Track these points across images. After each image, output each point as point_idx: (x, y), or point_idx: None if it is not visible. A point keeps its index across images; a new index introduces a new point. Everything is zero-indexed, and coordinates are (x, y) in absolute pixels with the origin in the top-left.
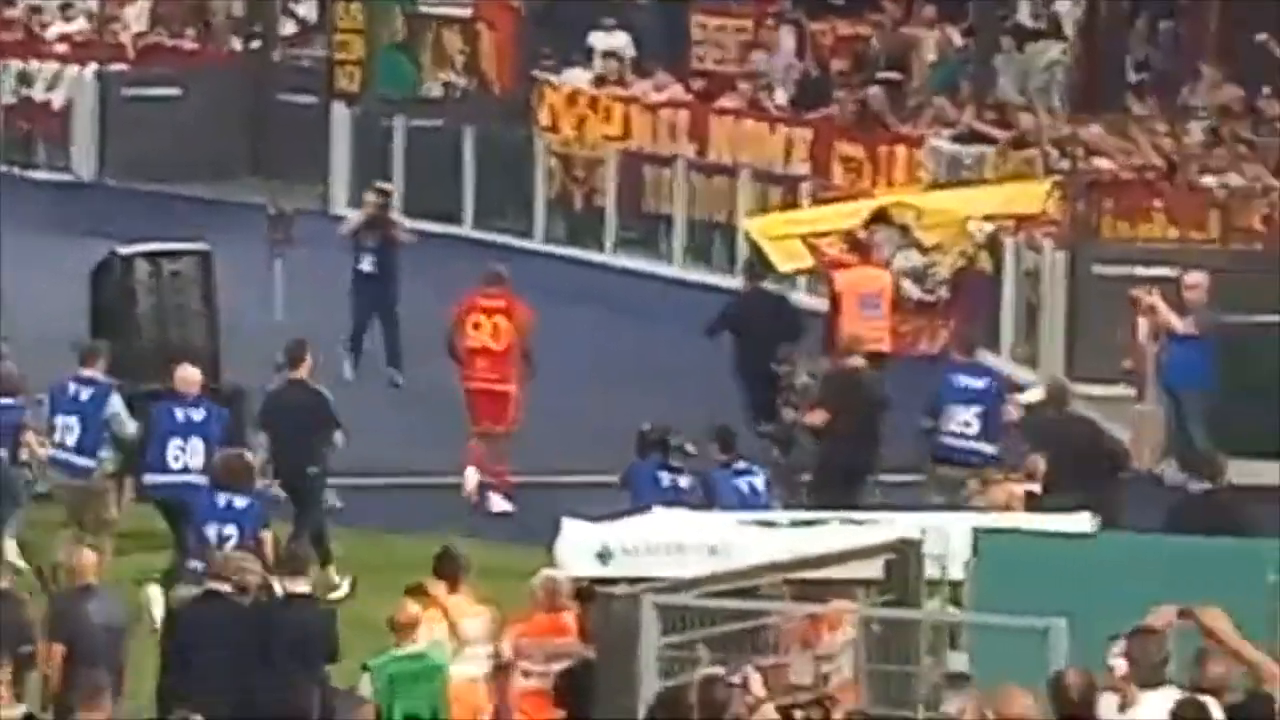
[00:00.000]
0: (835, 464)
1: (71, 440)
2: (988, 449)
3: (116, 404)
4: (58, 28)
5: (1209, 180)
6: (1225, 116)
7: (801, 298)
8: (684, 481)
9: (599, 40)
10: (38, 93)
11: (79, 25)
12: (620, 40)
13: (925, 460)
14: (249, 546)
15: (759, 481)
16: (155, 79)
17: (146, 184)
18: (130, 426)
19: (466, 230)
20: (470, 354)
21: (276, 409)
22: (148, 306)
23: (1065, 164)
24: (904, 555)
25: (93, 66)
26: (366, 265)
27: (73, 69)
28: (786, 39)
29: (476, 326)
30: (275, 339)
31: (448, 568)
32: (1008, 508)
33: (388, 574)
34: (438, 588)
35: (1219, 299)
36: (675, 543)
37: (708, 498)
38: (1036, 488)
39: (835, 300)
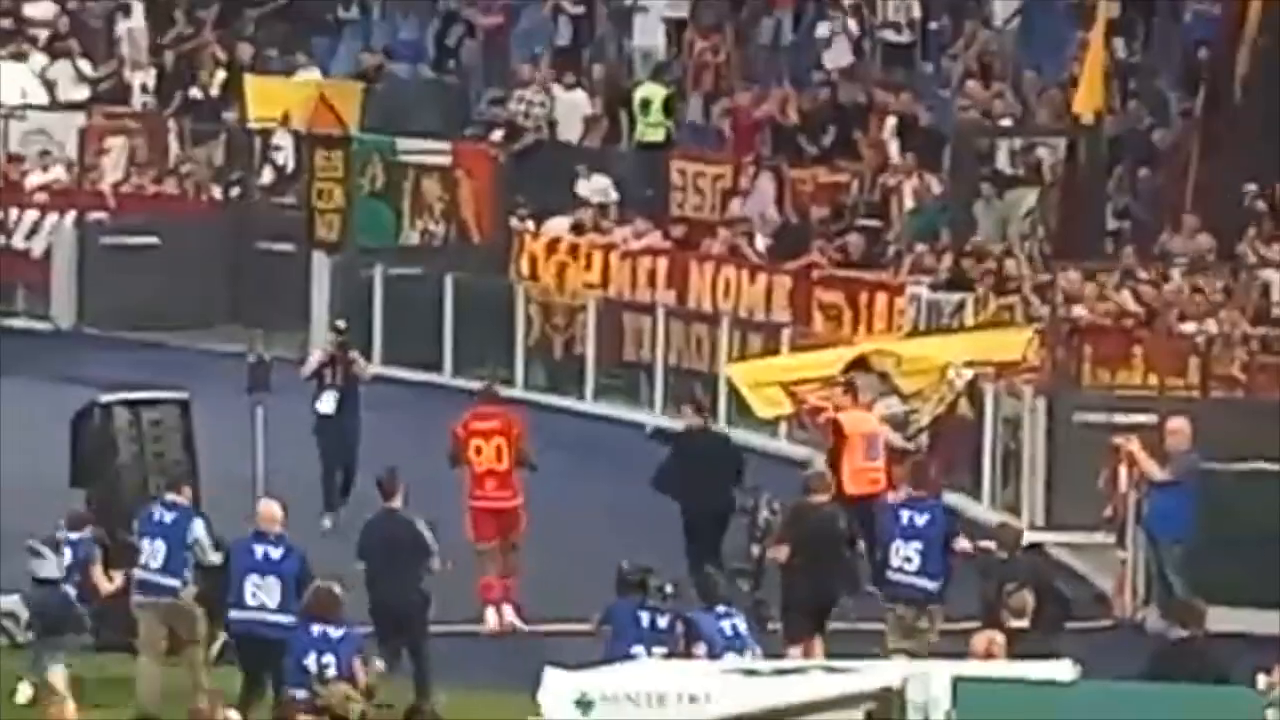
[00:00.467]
0: (799, 596)
1: (156, 563)
2: (929, 585)
3: (199, 530)
4: (36, 176)
5: (1188, 327)
6: (1203, 264)
7: (781, 444)
8: (663, 621)
9: (584, 186)
10: (17, 241)
11: (57, 174)
12: (603, 184)
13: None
14: (346, 677)
15: (740, 624)
16: (134, 228)
17: (126, 332)
18: (213, 554)
19: (446, 378)
20: (478, 477)
21: (373, 539)
22: (128, 455)
23: (1045, 311)
24: (885, 703)
25: (71, 215)
26: (327, 405)
27: (52, 217)
28: (766, 186)
29: (479, 451)
30: (254, 487)
31: None
32: (989, 655)
33: None
34: None
35: (1199, 446)
36: (656, 691)
37: (689, 640)
38: (1025, 624)
39: (840, 442)
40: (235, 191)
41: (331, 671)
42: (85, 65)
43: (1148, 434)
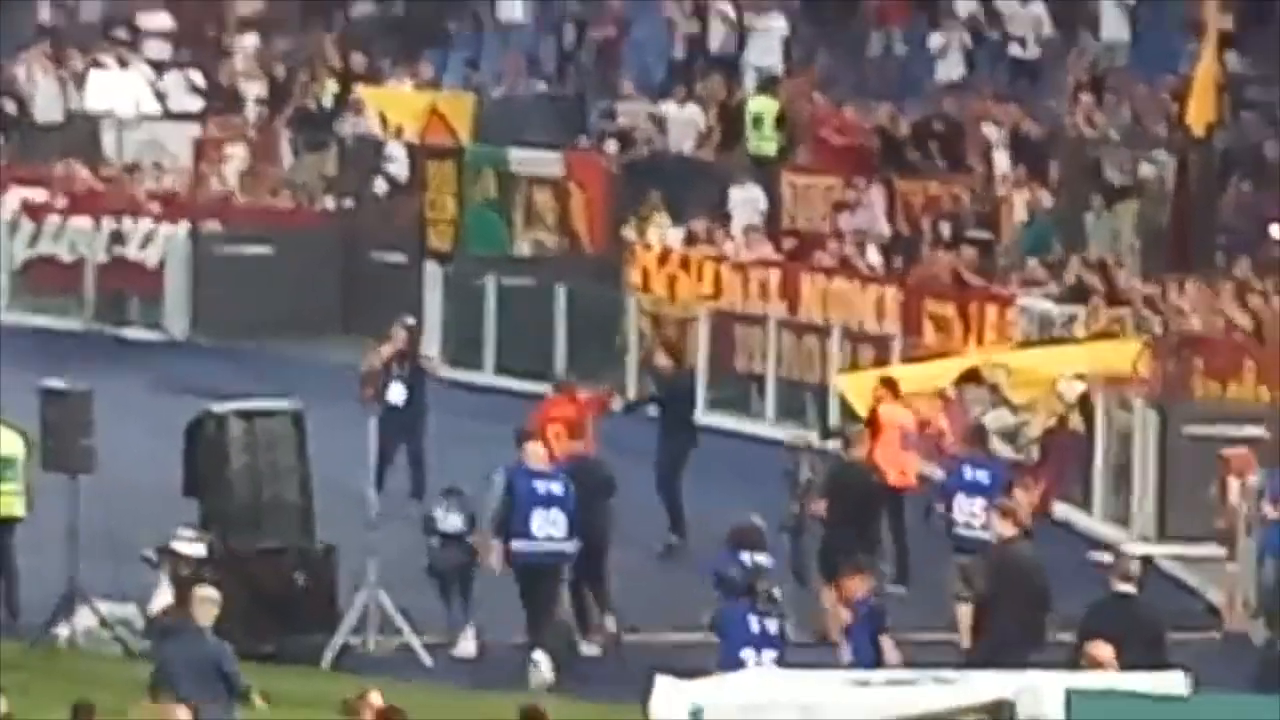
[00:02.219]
0: (835, 548)
1: None
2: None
3: None
4: (151, 185)
5: None
6: None
7: None
8: (772, 625)
9: (737, 194)
10: (131, 251)
11: (171, 184)
12: (755, 193)
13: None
14: None
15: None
16: (247, 238)
17: (239, 342)
18: None
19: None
20: None
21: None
22: (241, 464)
23: (1156, 323)
24: (997, 715)
25: (185, 225)
26: (395, 396)
27: (165, 227)
28: (876, 198)
29: (556, 437)
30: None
31: None
32: (1101, 665)
33: None
34: None
35: None
36: (767, 701)
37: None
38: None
39: (876, 433)
40: (348, 202)
41: None
42: (198, 76)
43: (1258, 447)
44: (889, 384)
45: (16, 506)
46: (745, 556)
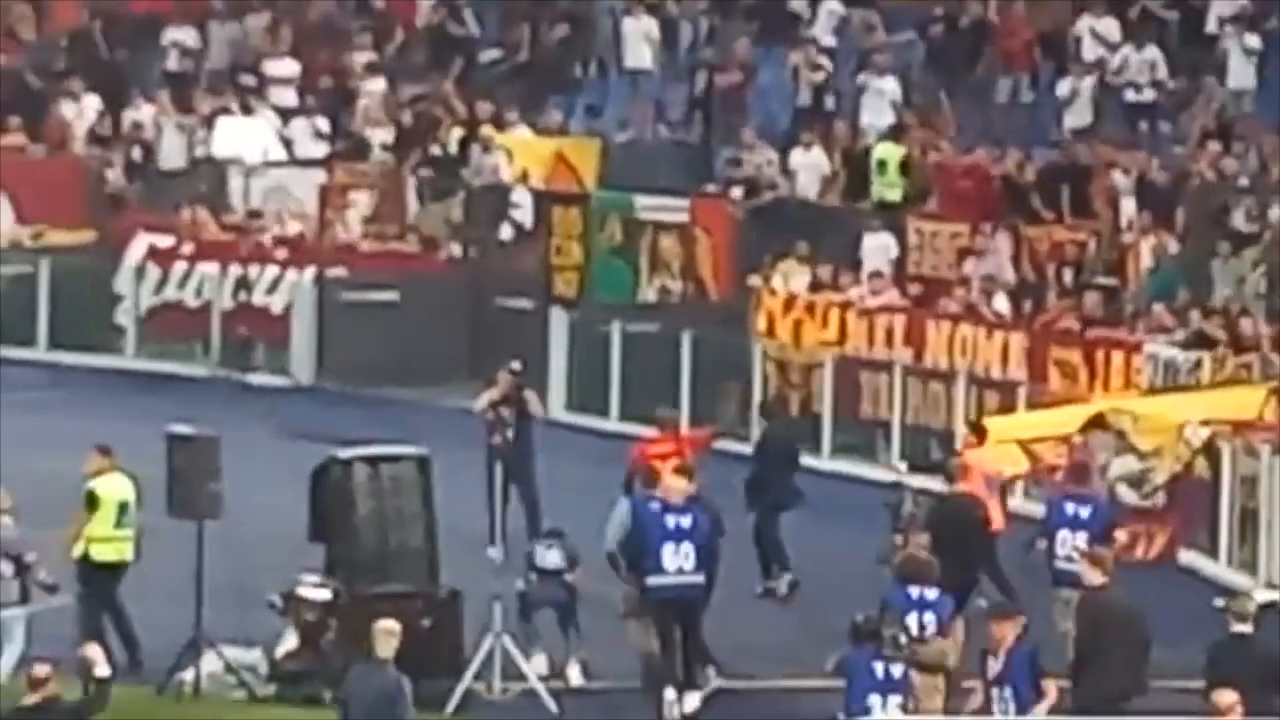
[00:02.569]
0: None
1: None
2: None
3: None
4: (277, 231)
5: None
6: None
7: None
8: (896, 671)
9: (870, 241)
10: (257, 297)
11: (297, 229)
12: (887, 240)
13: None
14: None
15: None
16: (373, 283)
17: (364, 388)
18: None
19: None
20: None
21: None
22: (366, 510)
23: None
24: None
25: (311, 271)
26: (500, 439)
27: (291, 273)
28: (1002, 245)
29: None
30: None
31: None
32: (1228, 711)
33: None
34: None
35: None
36: None
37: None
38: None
39: (964, 477)
40: (473, 248)
41: (931, 630)
42: (323, 122)
43: None
44: (978, 430)
45: (127, 552)
46: (914, 590)
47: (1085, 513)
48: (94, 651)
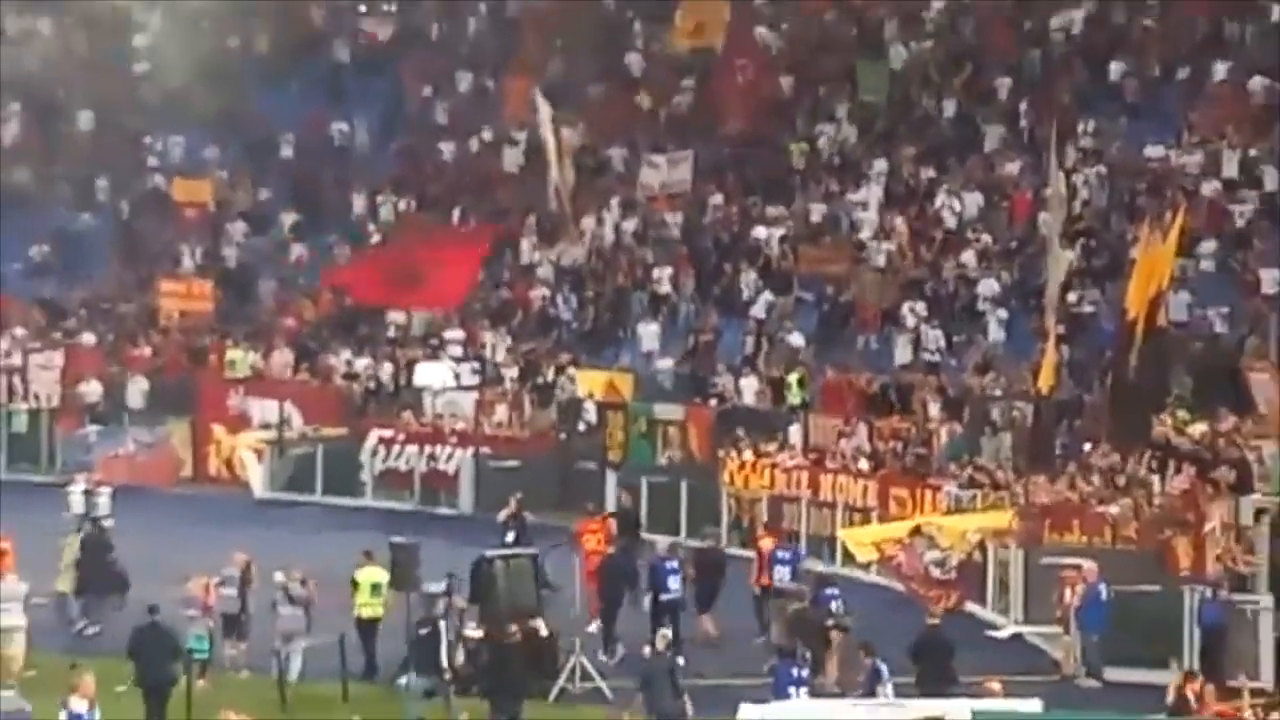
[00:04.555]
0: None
1: None
2: None
3: None
4: (451, 427)
5: (1106, 509)
6: (1112, 473)
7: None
8: (805, 673)
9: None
10: (440, 465)
11: (462, 426)
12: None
13: None
14: None
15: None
16: (505, 456)
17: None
18: None
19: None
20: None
21: None
22: (502, 586)
23: (1022, 499)
24: None
25: (471, 450)
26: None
27: (459, 451)
28: (861, 430)
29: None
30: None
31: None
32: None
33: None
34: None
35: (1110, 575)
36: (802, 715)
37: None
38: None
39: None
40: (563, 435)
41: None
42: (476, 365)
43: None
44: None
45: (380, 611)
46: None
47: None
48: None
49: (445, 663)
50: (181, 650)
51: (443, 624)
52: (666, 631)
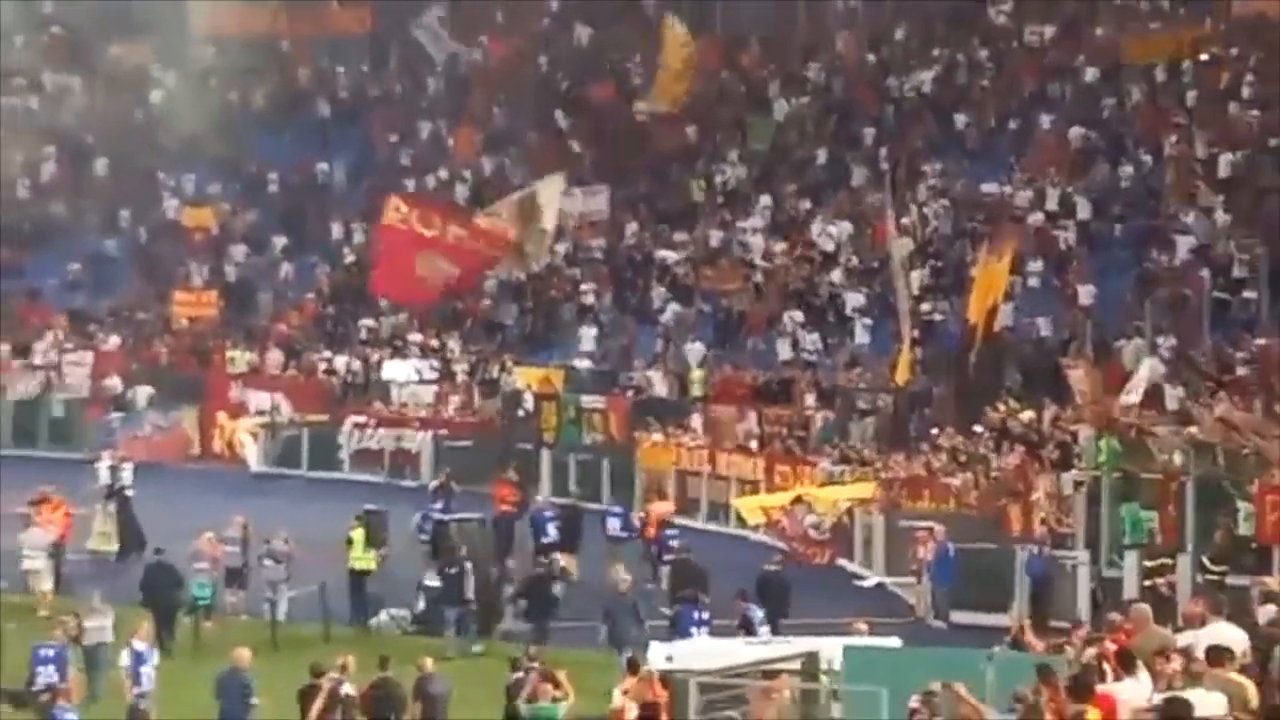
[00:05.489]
0: None
1: None
2: None
3: None
4: (414, 414)
5: (951, 481)
6: (956, 451)
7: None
8: (705, 615)
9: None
10: (405, 445)
11: (424, 413)
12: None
13: None
14: None
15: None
16: (459, 437)
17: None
18: None
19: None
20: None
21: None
22: (457, 544)
23: (884, 473)
24: (813, 657)
25: (430, 433)
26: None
27: (421, 434)
28: (752, 417)
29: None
30: None
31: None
32: (861, 633)
33: None
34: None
35: (954, 536)
36: (704, 651)
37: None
38: None
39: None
40: (505, 420)
41: None
42: (435, 363)
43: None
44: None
45: (371, 564)
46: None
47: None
48: None
49: (470, 595)
50: (183, 581)
51: (467, 564)
52: (625, 574)
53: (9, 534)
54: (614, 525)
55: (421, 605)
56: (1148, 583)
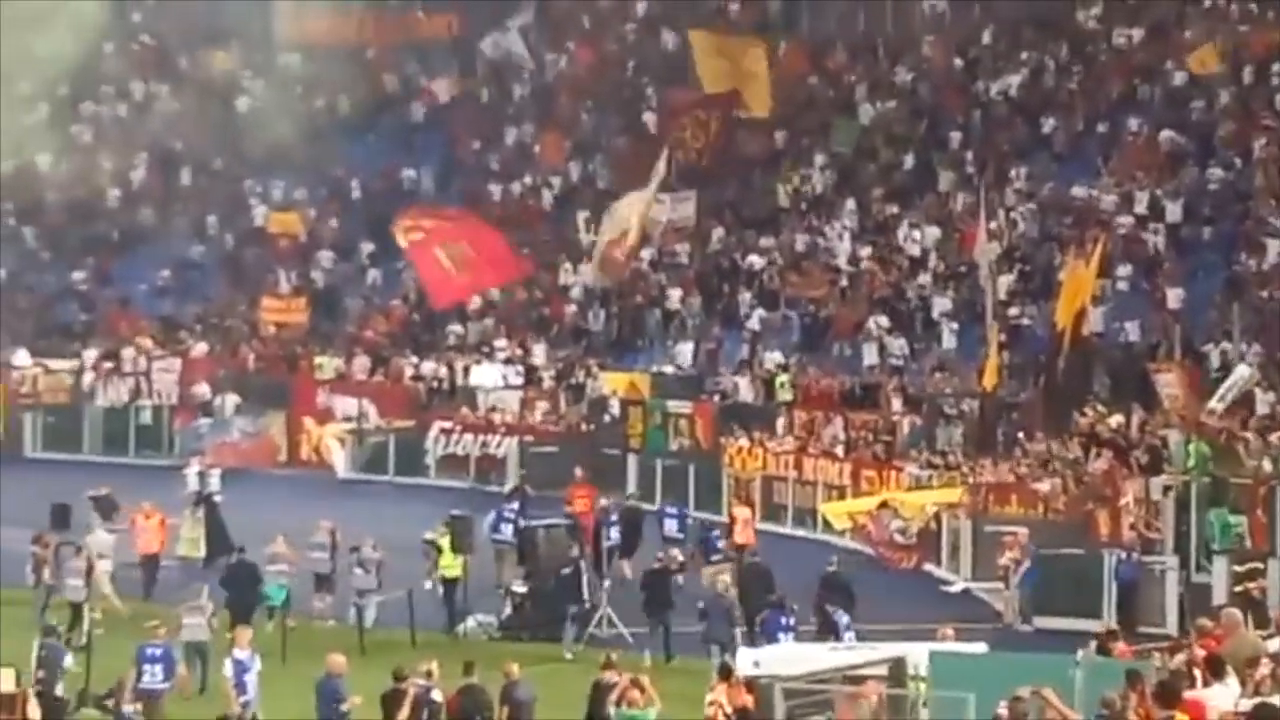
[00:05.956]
0: None
1: None
2: None
3: None
4: (500, 419)
5: (1039, 486)
6: (1044, 456)
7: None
8: (792, 621)
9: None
10: (491, 450)
11: (510, 418)
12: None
13: None
14: None
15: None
16: (545, 443)
17: (541, 491)
18: None
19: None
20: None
21: None
22: (543, 549)
23: (971, 478)
24: (900, 662)
25: (515, 438)
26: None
27: (507, 439)
28: (838, 423)
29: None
30: None
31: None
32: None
33: None
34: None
35: (1042, 542)
36: (792, 657)
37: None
38: None
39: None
40: (592, 426)
41: None
42: (519, 368)
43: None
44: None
45: (459, 571)
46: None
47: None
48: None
49: (586, 593)
50: (261, 579)
51: (582, 564)
52: (725, 576)
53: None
54: (671, 527)
55: (508, 610)
56: (1239, 588)
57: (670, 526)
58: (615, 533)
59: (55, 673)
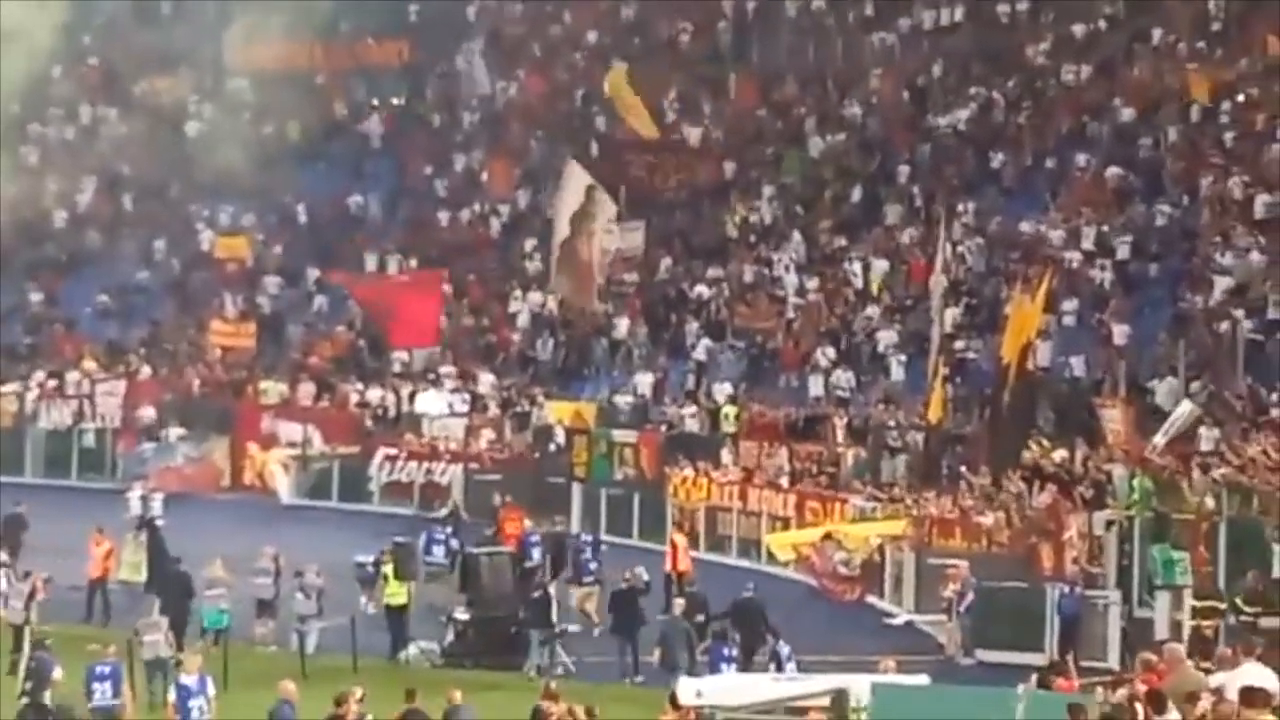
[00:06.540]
0: None
1: None
2: None
3: None
4: (444, 447)
5: (983, 519)
6: (988, 490)
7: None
8: (735, 653)
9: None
10: (435, 477)
11: (455, 446)
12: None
13: None
14: None
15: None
16: (488, 471)
17: (483, 519)
18: None
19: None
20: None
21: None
22: (486, 576)
23: (915, 510)
24: (842, 694)
25: (460, 465)
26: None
27: (452, 466)
28: (782, 453)
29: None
30: None
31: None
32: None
33: None
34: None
35: (978, 573)
36: (733, 687)
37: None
38: None
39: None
40: (537, 454)
41: None
42: (465, 397)
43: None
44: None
45: (405, 599)
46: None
47: None
48: None
49: (554, 619)
50: (194, 592)
51: (551, 589)
52: (680, 600)
53: (53, 560)
54: (586, 554)
55: (451, 637)
56: (1192, 623)
57: (586, 554)
58: (538, 553)
59: (44, 684)
